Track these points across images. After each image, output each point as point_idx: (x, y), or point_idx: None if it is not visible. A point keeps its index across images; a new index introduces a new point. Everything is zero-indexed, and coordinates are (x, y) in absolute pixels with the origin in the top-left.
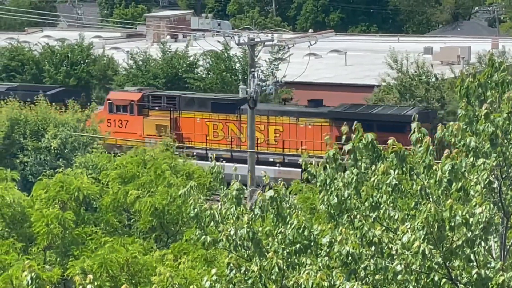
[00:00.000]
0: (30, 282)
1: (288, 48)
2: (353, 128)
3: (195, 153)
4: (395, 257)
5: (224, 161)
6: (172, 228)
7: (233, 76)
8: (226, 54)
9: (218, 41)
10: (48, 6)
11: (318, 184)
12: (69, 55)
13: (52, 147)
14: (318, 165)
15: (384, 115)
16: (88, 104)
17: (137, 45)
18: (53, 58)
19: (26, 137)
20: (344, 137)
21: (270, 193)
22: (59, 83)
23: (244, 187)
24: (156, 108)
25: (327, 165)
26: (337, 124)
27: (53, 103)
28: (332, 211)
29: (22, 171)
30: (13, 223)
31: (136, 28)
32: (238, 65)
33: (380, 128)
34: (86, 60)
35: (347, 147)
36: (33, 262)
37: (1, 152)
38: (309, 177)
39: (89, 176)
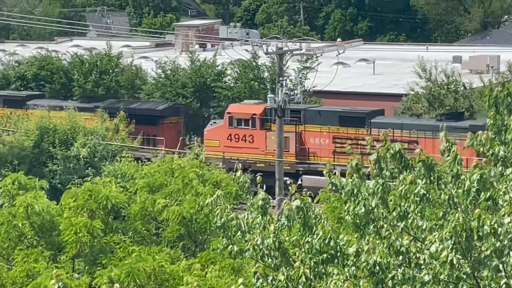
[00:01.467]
0: None
1: (317, 57)
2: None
3: None
4: (423, 266)
5: None
6: (200, 237)
7: (261, 85)
8: (254, 63)
9: (247, 50)
10: (77, 15)
11: (344, 194)
12: (98, 64)
13: (81, 156)
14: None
15: (140, 109)
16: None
17: (166, 54)
18: (82, 68)
19: (55, 146)
20: None
21: (296, 202)
22: (88, 92)
23: (269, 197)
24: None
25: (353, 175)
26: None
27: None
28: (358, 221)
29: (51, 179)
30: (42, 232)
31: (164, 37)
32: (266, 74)
33: (139, 121)
34: (115, 70)
35: (372, 157)
36: (61, 271)
37: (31, 160)
38: (333, 187)
39: (117, 184)
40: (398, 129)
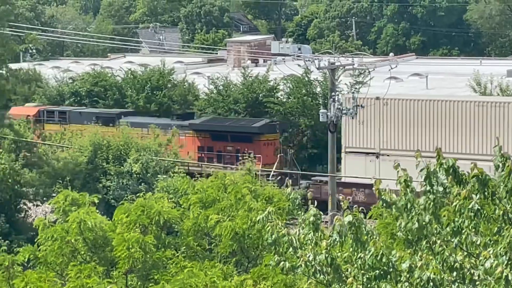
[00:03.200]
0: None
1: (369, 71)
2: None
3: None
4: (477, 283)
5: None
6: (253, 253)
7: (314, 100)
8: (306, 78)
9: (299, 65)
10: (130, 32)
11: (395, 210)
12: (151, 80)
13: (133, 172)
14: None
15: None
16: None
17: (218, 70)
18: (135, 83)
19: (109, 162)
20: None
21: (348, 218)
22: (140, 108)
23: (321, 213)
24: None
25: (406, 191)
26: None
27: None
28: (410, 237)
29: (105, 195)
30: (95, 247)
31: (217, 53)
32: (318, 89)
33: None
34: (168, 85)
35: (423, 172)
36: (114, 286)
37: (85, 176)
38: (384, 204)
39: (169, 200)
40: (139, 127)
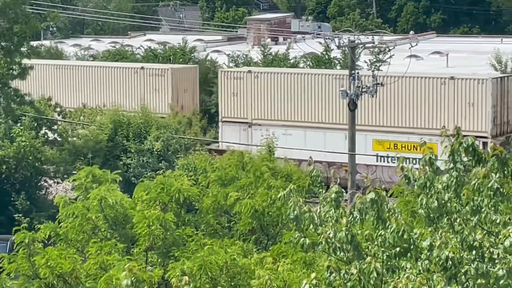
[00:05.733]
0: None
1: (389, 50)
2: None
3: None
4: (496, 261)
5: None
6: (272, 230)
7: None
8: (326, 56)
9: (319, 43)
10: (150, 10)
11: (416, 187)
12: (171, 58)
13: (154, 149)
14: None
15: None
16: None
17: (238, 48)
18: (155, 62)
19: (129, 140)
20: None
21: (371, 195)
22: None
23: (343, 190)
24: None
25: (426, 168)
26: None
27: None
28: (431, 215)
29: (125, 173)
30: (116, 224)
31: (237, 31)
32: (338, 67)
33: None
34: (188, 63)
35: (447, 150)
36: (134, 263)
37: (105, 154)
38: (406, 181)
39: (189, 178)
40: None
